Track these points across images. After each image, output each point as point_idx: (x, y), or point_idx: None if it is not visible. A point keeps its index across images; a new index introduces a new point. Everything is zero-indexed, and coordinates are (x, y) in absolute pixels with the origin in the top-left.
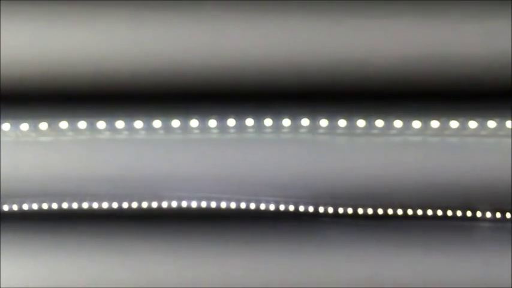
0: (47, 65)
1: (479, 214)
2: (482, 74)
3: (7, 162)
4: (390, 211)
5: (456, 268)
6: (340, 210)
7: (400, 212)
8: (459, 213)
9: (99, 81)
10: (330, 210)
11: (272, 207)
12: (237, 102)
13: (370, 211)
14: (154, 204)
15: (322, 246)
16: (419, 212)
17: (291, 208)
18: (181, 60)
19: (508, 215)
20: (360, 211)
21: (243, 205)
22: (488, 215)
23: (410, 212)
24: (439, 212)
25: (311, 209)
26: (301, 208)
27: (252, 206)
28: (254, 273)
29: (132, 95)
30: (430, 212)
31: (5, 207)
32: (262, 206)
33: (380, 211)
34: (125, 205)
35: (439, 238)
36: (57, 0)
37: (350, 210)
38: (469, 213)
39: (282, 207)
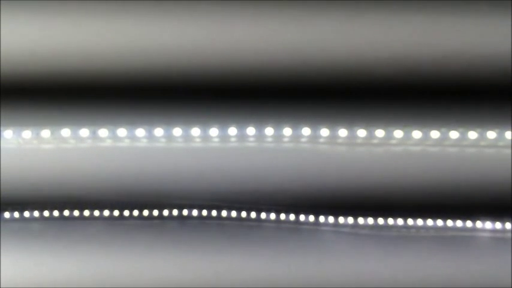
0: (49, 73)
1: (479, 224)
2: (483, 85)
3: (9, 169)
4: (391, 221)
5: (456, 277)
6: (341, 220)
7: (400, 221)
8: (459, 223)
9: (101, 90)
10: (331, 219)
11: (273, 216)
12: (238, 111)
13: (370, 221)
14: (156, 212)
15: (323, 255)
16: (420, 222)
17: (292, 217)
18: (183, 69)
19: (508, 225)
20: (361, 221)
21: (243, 214)
22: (488, 225)
23: (410, 222)
24: (440, 222)
25: (311, 218)
26: (302, 217)
27: (253, 214)
28: (255, 282)
29: (134, 104)
30: (430, 222)
31: (7, 215)
32: (263, 215)
33: (380, 221)
34: (126, 213)
35: (440, 248)
36: (58, 7)
37: (350, 220)
38: (469, 223)
39: (282, 216)
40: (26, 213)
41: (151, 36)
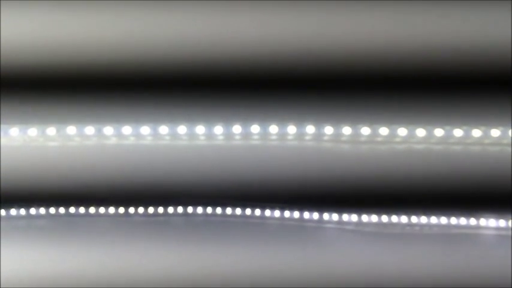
0: (55, 70)
1: (483, 222)
2: (487, 82)
3: (15, 167)
4: (394, 218)
5: (460, 275)
6: (345, 217)
7: (404, 219)
8: (463, 220)
9: (106, 88)
10: (335, 217)
11: (277, 213)
12: (243, 109)
13: (374, 218)
14: (161, 210)
15: (327, 252)
16: (424, 219)
17: (296, 214)
18: (188, 67)
19: (511, 223)
20: (365, 218)
21: (248, 211)
22: (492, 222)
23: (414, 219)
24: (443, 220)
25: (316, 215)
26: (306, 215)
27: (257, 212)
28: (259, 279)
29: (139, 101)
30: (434, 220)
31: (13, 212)
32: (268, 212)
33: (384, 218)
34: (132, 210)
35: (444, 245)
36: (62, 1)
37: (354, 217)
38: (473, 221)
39: (286, 214)
40: (32, 210)
41: (156, 35)
